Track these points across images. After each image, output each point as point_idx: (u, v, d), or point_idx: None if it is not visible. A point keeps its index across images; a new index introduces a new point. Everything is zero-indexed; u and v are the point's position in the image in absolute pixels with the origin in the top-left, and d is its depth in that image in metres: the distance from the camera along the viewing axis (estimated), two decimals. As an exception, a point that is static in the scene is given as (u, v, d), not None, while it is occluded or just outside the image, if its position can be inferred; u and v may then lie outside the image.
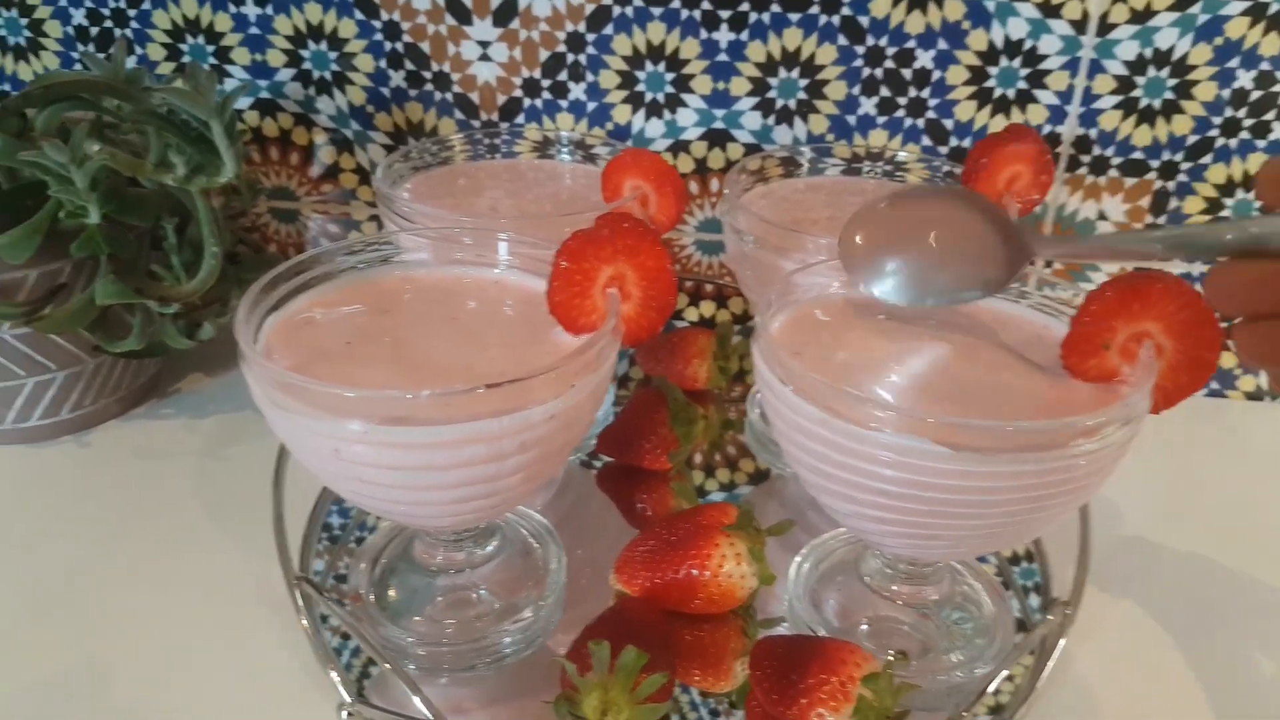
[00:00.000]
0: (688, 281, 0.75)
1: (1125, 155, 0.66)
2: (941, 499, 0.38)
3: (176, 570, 0.53)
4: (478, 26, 0.67)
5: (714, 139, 0.69)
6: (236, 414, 0.66)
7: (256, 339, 0.42)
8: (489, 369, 0.41)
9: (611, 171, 0.56)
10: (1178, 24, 0.62)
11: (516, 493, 0.43)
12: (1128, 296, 0.40)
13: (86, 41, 0.71)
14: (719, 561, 0.43)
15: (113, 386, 0.65)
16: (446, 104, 0.70)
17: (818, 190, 0.63)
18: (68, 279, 0.58)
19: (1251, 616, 0.52)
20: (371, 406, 0.37)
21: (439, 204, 0.59)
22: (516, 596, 0.48)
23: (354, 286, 0.48)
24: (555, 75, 0.68)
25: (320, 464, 0.40)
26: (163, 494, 0.59)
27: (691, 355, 0.63)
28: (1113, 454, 0.38)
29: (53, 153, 0.51)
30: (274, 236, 0.77)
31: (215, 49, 0.70)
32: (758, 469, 0.62)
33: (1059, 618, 0.47)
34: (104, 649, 0.48)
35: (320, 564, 0.52)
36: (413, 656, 0.46)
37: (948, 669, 0.45)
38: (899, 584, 0.48)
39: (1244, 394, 0.72)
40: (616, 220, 0.42)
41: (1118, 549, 0.56)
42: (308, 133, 0.72)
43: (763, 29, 0.65)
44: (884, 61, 0.65)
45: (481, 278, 0.49)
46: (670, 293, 0.44)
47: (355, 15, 0.68)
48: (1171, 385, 0.40)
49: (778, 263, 0.53)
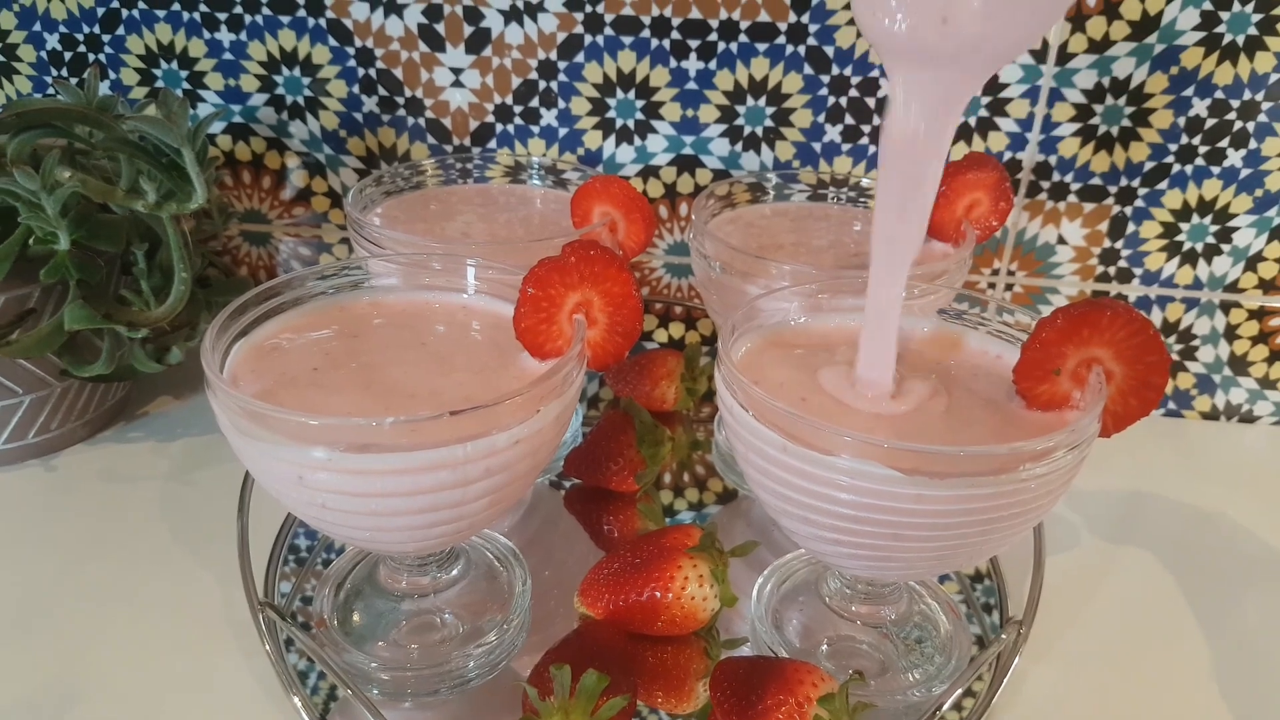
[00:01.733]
0: (657, 304, 0.75)
1: (1084, 181, 0.67)
2: (896, 522, 0.38)
3: (142, 594, 0.53)
4: (450, 54, 0.68)
5: (683, 164, 0.70)
6: (204, 437, 0.66)
7: (223, 366, 0.43)
8: (456, 394, 0.42)
9: (581, 198, 0.57)
10: (1135, 53, 0.63)
11: (482, 517, 0.43)
12: (1078, 323, 0.41)
13: (60, 66, 0.71)
14: (681, 584, 0.44)
15: (80, 410, 0.65)
16: (419, 129, 0.71)
17: (783, 215, 0.64)
18: (36, 304, 0.58)
19: (1204, 634, 0.53)
20: (335, 434, 0.38)
21: (410, 228, 0.60)
22: (481, 620, 0.49)
23: (323, 312, 0.49)
24: (527, 101, 0.69)
25: (284, 490, 0.40)
26: (129, 518, 0.59)
27: (660, 377, 0.64)
28: (1062, 477, 0.39)
29: (24, 180, 0.52)
30: (245, 259, 0.77)
31: (189, 74, 0.70)
32: (725, 489, 0.63)
33: (1013, 636, 0.48)
34: (69, 673, 0.48)
35: (285, 587, 0.52)
36: (376, 682, 0.46)
37: (905, 688, 0.46)
38: (858, 604, 0.49)
39: (1200, 414, 0.74)
40: (583, 248, 0.43)
41: (1072, 567, 0.57)
42: (280, 157, 0.73)
43: (730, 58, 0.66)
44: (848, 90, 0.66)
45: (450, 302, 0.50)
46: (636, 319, 0.45)
47: (329, 41, 0.68)
48: (1121, 409, 0.42)
49: (743, 288, 0.54)
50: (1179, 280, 0.70)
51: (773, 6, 0.64)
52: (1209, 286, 0.70)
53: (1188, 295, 0.70)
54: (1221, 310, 0.70)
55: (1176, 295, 0.70)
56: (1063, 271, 0.70)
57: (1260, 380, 0.72)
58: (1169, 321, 0.71)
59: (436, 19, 0.67)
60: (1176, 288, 0.70)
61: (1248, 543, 0.60)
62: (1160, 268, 0.69)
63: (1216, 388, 0.73)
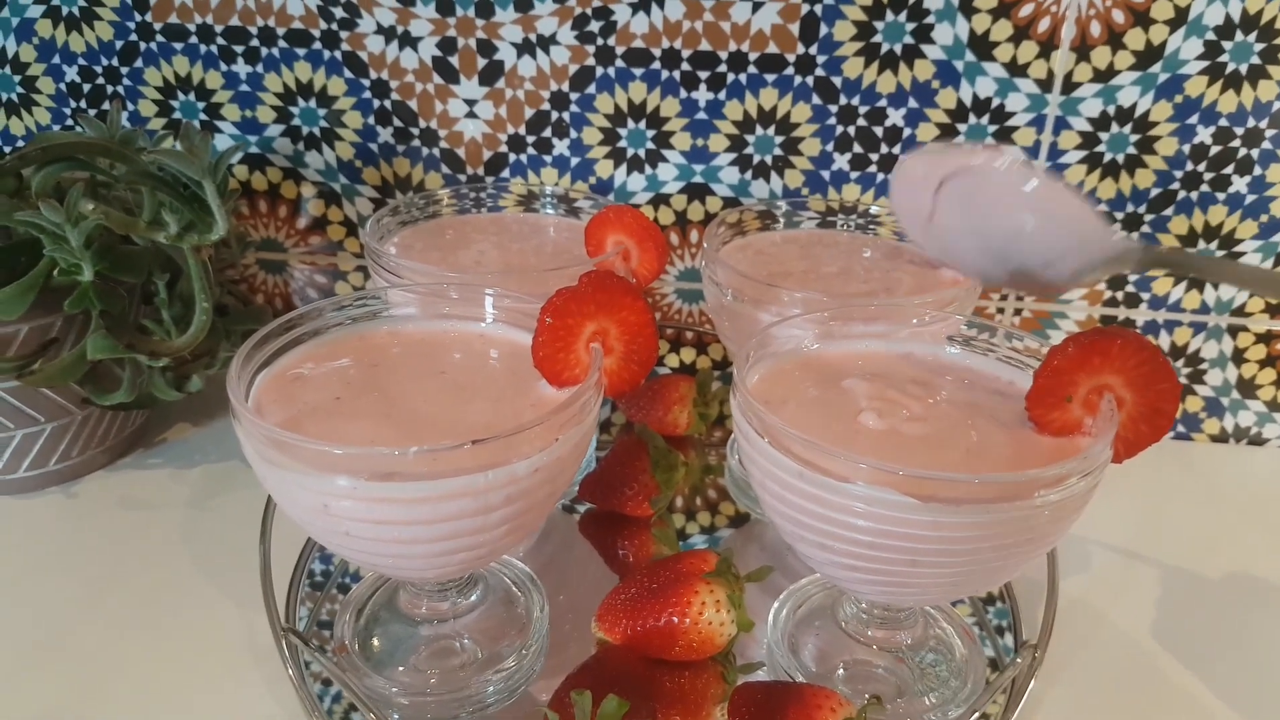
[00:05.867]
0: (668, 329, 0.76)
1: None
2: (911, 548, 0.39)
3: (163, 620, 0.53)
4: (464, 85, 0.69)
5: (693, 192, 0.71)
6: (223, 463, 0.67)
7: (248, 396, 0.43)
8: (475, 422, 0.42)
9: (595, 227, 0.58)
10: (1139, 82, 0.64)
11: (502, 544, 0.44)
12: (1089, 351, 0.42)
13: (79, 98, 0.72)
14: (699, 609, 0.44)
15: (100, 437, 0.65)
16: (433, 159, 0.72)
17: (793, 243, 0.65)
18: (59, 333, 0.59)
19: (1217, 656, 0.53)
20: (360, 463, 0.38)
21: (426, 257, 0.61)
22: (499, 645, 0.49)
23: (343, 341, 0.49)
24: (540, 132, 0.70)
25: (309, 518, 0.41)
26: (149, 544, 0.59)
27: (672, 402, 0.64)
28: (1076, 503, 0.39)
29: (49, 213, 0.53)
30: (261, 287, 0.78)
31: (206, 105, 0.72)
32: (738, 513, 0.63)
33: (1028, 659, 0.49)
34: (91, 699, 0.48)
35: (305, 612, 0.53)
36: (397, 707, 0.47)
37: (921, 712, 0.46)
38: (874, 629, 0.49)
39: (1209, 436, 0.74)
40: (600, 277, 0.44)
41: (1086, 591, 0.57)
42: (296, 186, 0.74)
43: (740, 89, 0.67)
44: (856, 119, 0.67)
45: (467, 331, 0.51)
46: (651, 347, 0.46)
47: (344, 74, 0.69)
48: (1132, 436, 0.42)
49: (755, 315, 0.55)
50: (1186, 305, 0.70)
51: (781, 38, 0.65)
52: (1216, 311, 0.70)
53: (1195, 319, 0.71)
54: (1229, 334, 0.71)
55: (1184, 319, 0.71)
56: (1071, 296, 0.71)
57: (1268, 403, 0.73)
58: (1177, 345, 0.72)
59: (450, 51, 0.68)
60: (1184, 312, 0.71)
61: (1258, 564, 0.61)
62: (1168, 292, 0.70)
63: (1225, 411, 0.73)
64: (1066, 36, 0.63)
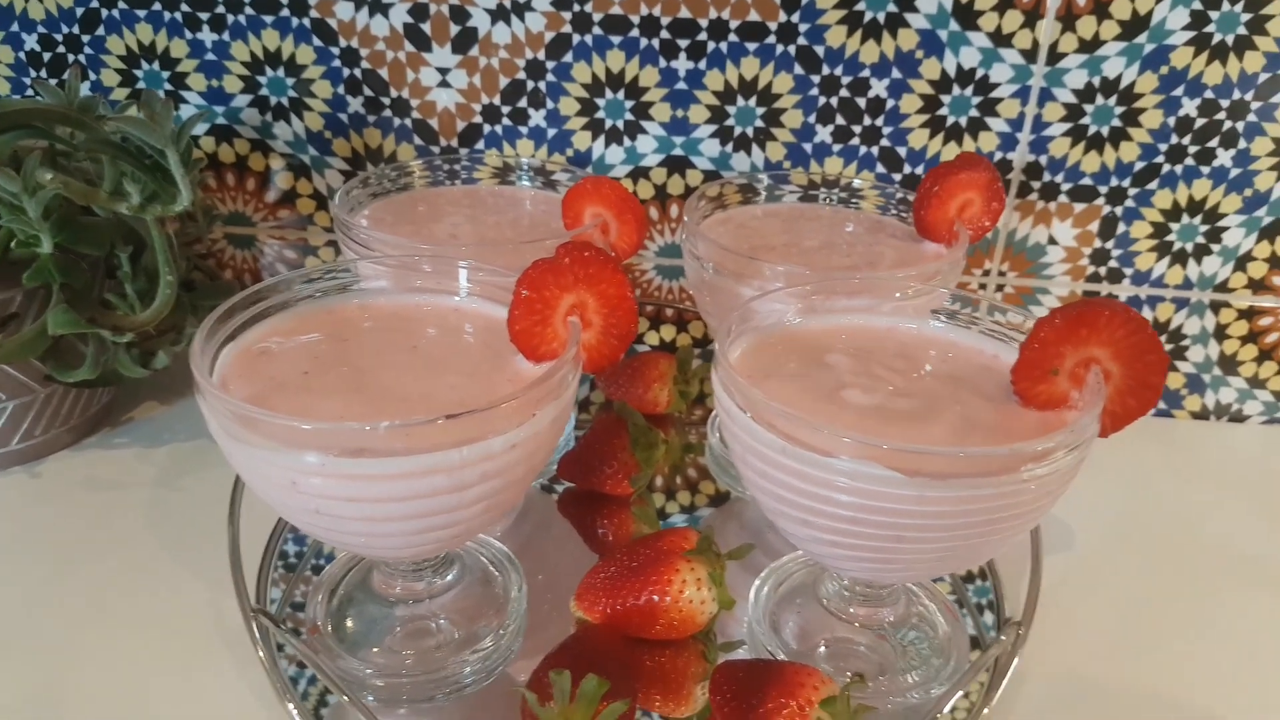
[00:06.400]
0: (648, 306, 0.75)
1: (1074, 181, 0.68)
2: (896, 523, 0.38)
3: (131, 602, 0.52)
4: (437, 53, 0.67)
5: (673, 165, 0.70)
6: (191, 443, 0.65)
7: (212, 370, 0.42)
8: (449, 397, 0.41)
9: (572, 199, 0.57)
10: (1125, 53, 0.64)
11: (478, 522, 0.43)
12: (1075, 323, 0.41)
13: (39, 67, 0.70)
14: (679, 587, 0.44)
15: (64, 416, 0.63)
16: (405, 130, 0.70)
17: (775, 217, 0.64)
18: (19, 308, 0.57)
19: (1200, 632, 0.53)
20: (329, 438, 0.37)
21: (398, 230, 0.59)
22: (476, 625, 0.48)
23: (311, 315, 0.48)
24: (515, 102, 0.69)
25: (277, 496, 0.40)
26: (116, 525, 0.58)
27: (652, 380, 0.64)
28: (1062, 477, 0.39)
29: (4, 182, 0.51)
30: (229, 262, 0.76)
31: (171, 75, 0.70)
32: (718, 491, 0.63)
33: (1011, 637, 0.48)
34: (57, 683, 0.47)
35: (277, 593, 0.52)
36: (371, 688, 0.45)
37: (904, 690, 0.46)
38: (856, 606, 0.49)
39: (1190, 413, 0.74)
40: (577, 249, 0.43)
41: (1069, 568, 0.57)
42: (264, 158, 0.72)
43: (720, 58, 0.66)
44: (839, 90, 0.66)
45: (441, 305, 0.49)
46: (631, 321, 0.45)
47: (313, 42, 0.67)
48: (1119, 409, 0.41)
49: (736, 289, 0.54)
50: (1169, 280, 0.70)
51: (762, 6, 0.64)
52: (1199, 286, 0.70)
53: (1178, 295, 0.70)
54: (1211, 310, 0.70)
55: (1166, 295, 0.70)
56: (1054, 272, 0.70)
57: (1250, 380, 0.72)
58: (1159, 321, 0.71)
59: (422, 18, 0.66)
60: (1166, 287, 0.70)
61: (1239, 541, 0.61)
62: (1150, 268, 0.70)
63: (1206, 387, 0.73)
64: (1052, 6, 0.62)
